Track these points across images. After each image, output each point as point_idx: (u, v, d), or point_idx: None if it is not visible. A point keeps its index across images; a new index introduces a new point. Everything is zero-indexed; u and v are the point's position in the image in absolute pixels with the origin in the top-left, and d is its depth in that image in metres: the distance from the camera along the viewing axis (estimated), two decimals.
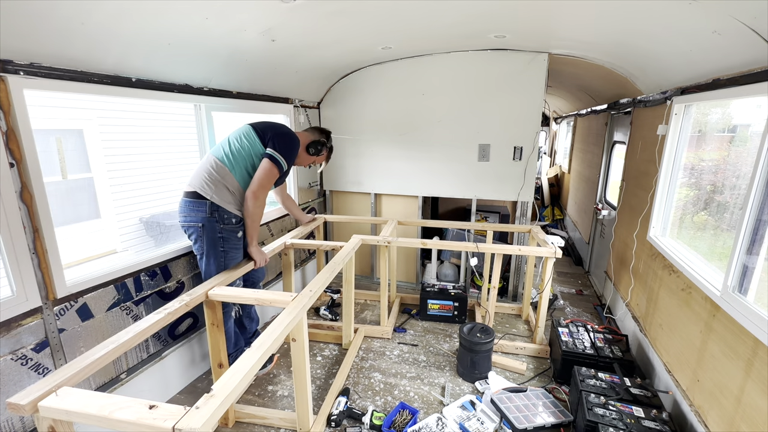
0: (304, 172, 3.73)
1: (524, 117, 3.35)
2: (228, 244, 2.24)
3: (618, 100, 3.64)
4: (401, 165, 3.78)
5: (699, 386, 1.89)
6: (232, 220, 2.24)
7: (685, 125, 2.44)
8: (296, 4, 1.84)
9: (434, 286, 3.41)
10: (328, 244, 2.90)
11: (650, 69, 2.51)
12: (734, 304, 1.65)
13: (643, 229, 2.81)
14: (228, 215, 2.22)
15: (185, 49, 2.01)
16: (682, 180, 2.53)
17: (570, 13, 2.13)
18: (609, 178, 4.21)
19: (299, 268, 3.80)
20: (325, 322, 3.22)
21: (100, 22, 1.53)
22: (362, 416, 2.19)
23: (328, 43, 2.64)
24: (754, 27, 1.42)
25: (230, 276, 2.18)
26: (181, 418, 1.11)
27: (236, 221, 2.27)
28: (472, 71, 3.39)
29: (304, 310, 1.86)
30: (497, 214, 4.17)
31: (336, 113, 3.87)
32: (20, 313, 1.57)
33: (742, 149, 2.21)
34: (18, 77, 1.49)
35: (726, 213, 2.17)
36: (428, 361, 2.79)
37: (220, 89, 2.58)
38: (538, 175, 6.54)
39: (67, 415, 1.16)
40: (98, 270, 1.91)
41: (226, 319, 2.27)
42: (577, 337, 2.58)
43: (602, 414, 1.92)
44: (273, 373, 2.63)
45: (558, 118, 8.07)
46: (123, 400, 1.18)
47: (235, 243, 2.29)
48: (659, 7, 1.67)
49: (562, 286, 4.11)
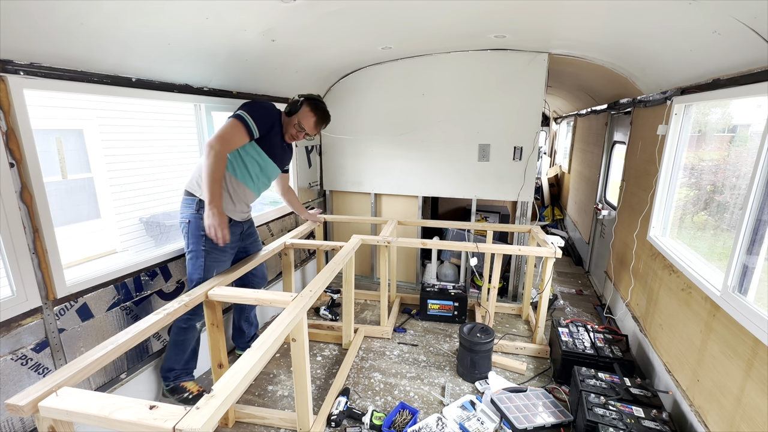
0: (304, 171, 3.73)
1: (524, 117, 3.35)
2: (211, 243, 2.09)
3: (618, 100, 3.64)
4: (401, 165, 3.78)
5: (699, 386, 1.89)
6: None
7: (685, 125, 2.44)
8: (296, 4, 1.84)
9: (434, 286, 3.41)
10: (328, 244, 2.91)
11: (650, 69, 2.51)
12: (734, 304, 1.65)
13: (643, 229, 2.81)
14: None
15: (185, 49, 2.01)
16: (682, 180, 2.53)
17: (570, 13, 2.13)
18: (609, 178, 4.21)
19: (299, 268, 3.80)
20: (325, 322, 3.22)
21: (100, 22, 1.53)
22: (362, 416, 2.19)
23: (328, 43, 2.64)
24: (754, 27, 1.42)
25: (224, 279, 2.10)
26: (182, 418, 1.11)
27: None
28: (472, 71, 3.39)
29: (304, 311, 1.86)
30: (497, 214, 4.17)
31: (336, 113, 3.85)
32: (20, 313, 1.57)
33: (742, 149, 2.21)
34: (18, 77, 1.49)
35: (726, 213, 2.17)
36: (428, 361, 2.79)
37: (220, 89, 2.58)
38: (538, 175, 6.54)
39: (68, 415, 1.16)
40: (98, 270, 1.91)
41: (187, 329, 2.15)
42: (577, 337, 2.58)
43: (602, 414, 1.92)
44: (273, 373, 2.63)
45: (558, 118, 8.07)
46: (123, 401, 1.18)
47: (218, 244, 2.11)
48: (659, 7, 1.67)
49: (562, 286, 4.11)
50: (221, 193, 2.02)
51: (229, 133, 2.02)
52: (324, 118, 2.34)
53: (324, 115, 2.34)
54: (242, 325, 2.63)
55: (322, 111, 2.33)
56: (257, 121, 2.09)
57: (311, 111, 2.27)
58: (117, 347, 1.44)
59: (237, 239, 2.32)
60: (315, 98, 2.32)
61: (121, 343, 1.46)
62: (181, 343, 2.17)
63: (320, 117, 2.31)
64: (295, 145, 3.00)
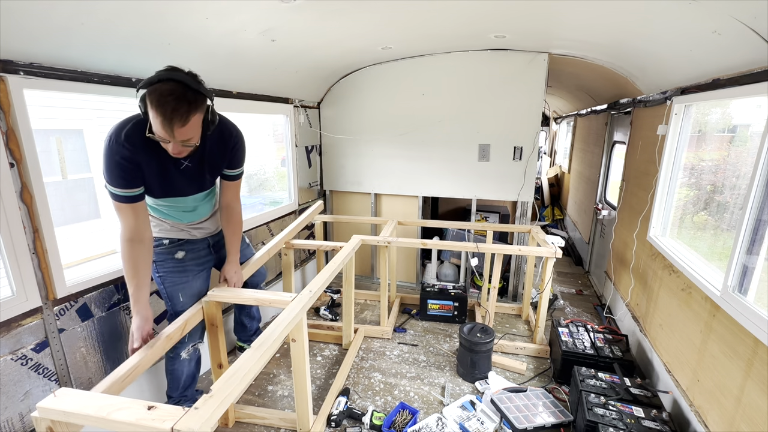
0: (304, 171, 3.73)
1: (524, 117, 3.35)
2: (163, 267, 1.88)
3: (618, 100, 3.64)
4: (401, 165, 3.78)
5: (699, 386, 1.89)
6: (163, 242, 1.88)
7: (685, 125, 2.44)
8: (296, 4, 1.84)
9: (434, 286, 3.40)
10: (328, 245, 2.91)
11: (650, 69, 2.51)
12: (734, 304, 1.65)
13: (643, 229, 2.81)
14: (156, 239, 1.85)
15: (185, 49, 2.01)
16: (682, 180, 2.53)
17: (570, 13, 2.13)
18: (609, 178, 4.21)
19: (299, 268, 3.80)
20: (325, 322, 3.22)
21: (100, 22, 1.53)
22: (362, 416, 2.19)
23: (328, 43, 2.64)
24: (754, 27, 1.42)
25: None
26: (180, 418, 1.11)
27: (169, 243, 1.89)
28: (472, 71, 3.39)
29: (304, 311, 1.85)
30: (497, 214, 4.17)
31: (336, 113, 3.86)
32: (20, 313, 1.57)
33: (742, 149, 2.21)
34: (18, 77, 1.49)
35: (726, 213, 2.17)
36: (428, 361, 2.78)
37: (220, 89, 2.58)
38: (538, 175, 6.53)
39: (65, 416, 1.15)
40: (98, 270, 1.91)
41: (174, 359, 1.98)
42: (577, 337, 2.58)
43: (602, 414, 1.92)
44: (273, 372, 2.62)
45: (558, 118, 8.07)
46: (121, 401, 1.18)
47: (173, 266, 1.90)
48: (659, 7, 1.67)
49: (562, 286, 4.11)
50: (144, 286, 1.65)
51: (118, 216, 1.63)
52: (164, 107, 1.38)
53: (163, 104, 1.38)
54: (243, 320, 2.58)
55: (161, 98, 1.38)
56: (113, 181, 1.54)
57: (152, 108, 1.40)
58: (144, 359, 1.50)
59: (205, 254, 2.03)
60: (156, 80, 1.41)
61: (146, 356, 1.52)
62: (171, 373, 2.03)
63: (162, 111, 1.38)
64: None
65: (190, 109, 1.44)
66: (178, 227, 1.91)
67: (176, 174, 1.71)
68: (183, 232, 1.93)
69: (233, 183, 1.98)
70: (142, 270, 1.64)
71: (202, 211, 1.96)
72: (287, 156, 3.54)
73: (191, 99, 1.44)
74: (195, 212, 1.93)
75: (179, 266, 1.91)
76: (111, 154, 1.53)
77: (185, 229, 1.93)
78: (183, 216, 1.89)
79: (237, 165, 1.92)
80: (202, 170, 1.79)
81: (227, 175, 1.93)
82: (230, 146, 1.84)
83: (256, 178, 3.95)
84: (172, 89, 1.41)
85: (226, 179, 1.95)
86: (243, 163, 1.95)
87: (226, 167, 1.90)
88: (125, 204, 1.59)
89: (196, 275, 1.98)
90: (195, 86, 1.47)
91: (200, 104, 1.50)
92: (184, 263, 1.92)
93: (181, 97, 1.41)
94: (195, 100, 1.46)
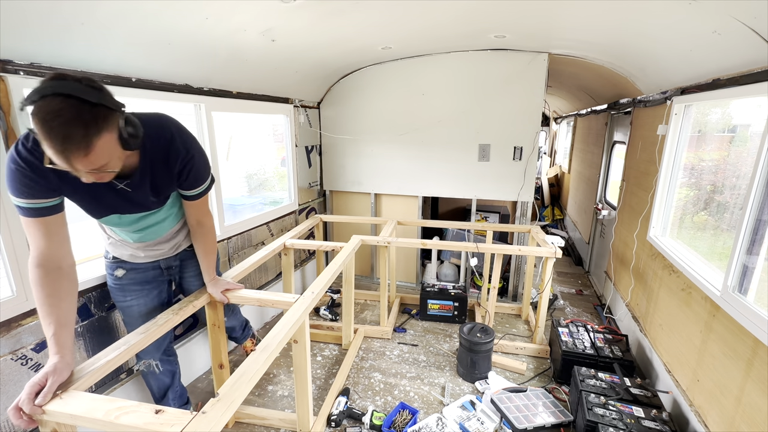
0: (304, 171, 3.73)
1: (524, 117, 3.35)
2: (109, 279, 1.77)
3: (618, 100, 3.65)
4: (401, 165, 3.78)
5: (699, 386, 1.89)
6: (107, 254, 1.75)
7: (685, 125, 2.44)
8: (296, 4, 1.84)
9: (434, 286, 3.41)
10: (328, 245, 2.91)
11: (650, 69, 2.51)
12: (734, 304, 1.66)
13: (643, 229, 2.81)
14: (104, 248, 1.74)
15: (185, 49, 2.01)
16: (682, 180, 2.53)
17: (570, 13, 2.13)
18: (609, 178, 4.21)
19: (299, 268, 3.80)
20: (325, 322, 3.22)
21: (100, 22, 1.53)
22: (362, 416, 2.19)
23: (328, 43, 2.64)
24: (754, 27, 1.42)
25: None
26: (188, 423, 1.10)
27: (112, 258, 1.73)
28: (472, 71, 3.39)
29: (307, 313, 1.85)
30: (497, 214, 4.17)
31: (336, 113, 3.86)
32: (20, 313, 1.57)
33: (742, 149, 2.21)
34: (18, 77, 1.49)
35: (726, 213, 2.17)
36: (428, 361, 2.79)
37: (220, 89, 2.58)
38: (538, 175, 6.53)
39: (72, 419, 1.14)
40: (98, 270, 1.90)
41: (149, 373, 1.89)
42: (577, 337, 2.59)
43: (602, 414, 1.92)
44: (273, 373, 2.62)
45: (558, 118, 8.07)
46: (129, 405, 1.17)
47: (113, 282, 1.74)
48: (659, 7, 1.67)
49: (562, 286, 4.11)
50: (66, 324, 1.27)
51: (26, 235, 1.32)
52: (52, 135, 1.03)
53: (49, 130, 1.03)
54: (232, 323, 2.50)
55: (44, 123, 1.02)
56: (14, 190, 1.24)
57: (39, 135, 1.05)
58: (128, 348, 1.44)
59: (152, 277, 1.80)
60: (37, 96, 1.03)
61: (132, 345, 1.46)
62: (147, 384, 1.98)
63: (51, 141, 1.04)
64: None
65: (89, 133, 1.07)
66: (125, 244, 1.68)
67: (109, 193, 1.41)
68: (126, 252, 1.70)
69: (196, 202, 1.68)
70: (63, 303, 1.28)
71: (155, 233, 1.68)
72: (287, 156, 3.54)
73: (88, 119, 1.06)
74: (145, 233, 1.65)
75: (118, 284, 1.74)
76: (14, 158, 1.21)
77: (130, 250, 1.69)
78: (129, 236, 1.65)
79: (193, 186, 1.61)
80: (144, 192, 1.48)
81: (185, 196, 1.65)
82: (178, 168, 1.50)
83: (256, 178, 3.95)
84: (60, 109, 1.03)
85: (186, 199, 1.66)
86: (203, 181, 1.64)
87: (180, 188, 1.60)
88: (32, 219, 1.26)
89: (138, 297, 1.77)
90: (94, 99, 1.08)
91: (105, 122, 1.12)
92: (122, 282, 1.74)
93: (74, 119, 1.04)
94: (95, 119, 1.08)
